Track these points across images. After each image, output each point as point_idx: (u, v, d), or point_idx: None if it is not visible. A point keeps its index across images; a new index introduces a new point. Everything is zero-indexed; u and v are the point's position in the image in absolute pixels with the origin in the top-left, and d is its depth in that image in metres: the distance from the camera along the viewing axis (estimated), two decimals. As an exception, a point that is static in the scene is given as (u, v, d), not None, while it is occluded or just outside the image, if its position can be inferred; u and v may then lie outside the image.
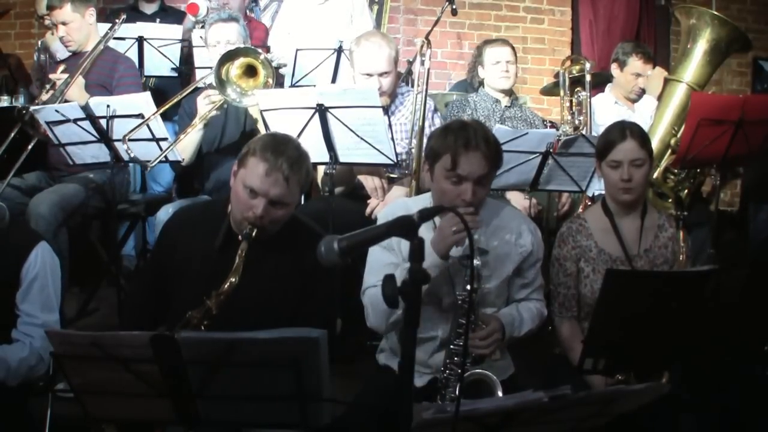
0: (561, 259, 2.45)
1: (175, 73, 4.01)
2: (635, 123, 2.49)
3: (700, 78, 3.68)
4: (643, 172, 2.38)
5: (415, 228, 1.47)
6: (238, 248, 1.96)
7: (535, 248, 2.25)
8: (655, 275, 2.24)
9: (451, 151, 2.06)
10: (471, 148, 2.05)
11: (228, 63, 2.97)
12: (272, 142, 2.01)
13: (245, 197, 1.98)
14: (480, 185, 2.08)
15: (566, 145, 3.11)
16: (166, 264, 2.13)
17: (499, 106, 3.78)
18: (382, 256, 2.17)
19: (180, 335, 1.50)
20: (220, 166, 3.29)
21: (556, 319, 2.47)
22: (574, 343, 2.35)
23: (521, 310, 2.23)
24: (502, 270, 2.20)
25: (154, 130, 2.99)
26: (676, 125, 3.64)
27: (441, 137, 2.12)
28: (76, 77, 3.30)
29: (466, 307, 2.00)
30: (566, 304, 2.45)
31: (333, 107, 2.73)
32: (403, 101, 3.28)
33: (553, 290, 2.48)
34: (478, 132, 2.09)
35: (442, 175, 2.09)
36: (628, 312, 1.92)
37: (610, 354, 1.98)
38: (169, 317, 2.10)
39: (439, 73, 5.64)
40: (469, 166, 2.05)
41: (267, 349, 1.49)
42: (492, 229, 2.19)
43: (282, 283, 2.06)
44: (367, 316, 2.18)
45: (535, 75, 5.82)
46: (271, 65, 2.97)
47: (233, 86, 2.99)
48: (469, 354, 2.02)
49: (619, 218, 2.45)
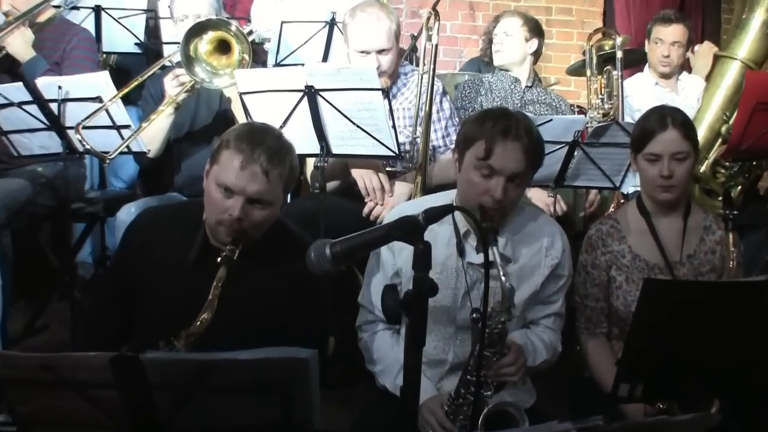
0: (588, 267, 2.45)
1: (139, 49, 4.02)
2: (677, 108, 2.49)
3: (756, 54, 3.68)
4: (686, 167, 2.39)
5: (420, 230, 1.48)
6: (216, 264, 1.96)
7: (564, 260, 2.26)
8: (701, 286, 2.24)
9: (486, 137, 2.07)
10: (510, 137, 2.06)
11: (196, 38, 2.97)
12: (248, 132, 2.02)
13: (219, 198, 1.99)
14: (513, 184, 2.09)
15: (597, 134, 3.12)
16: (129, 274, 2.13)
17: (519, 87, 3.79)
18: (381, 276, 2.20)
19: (145, 356, 1.50)
20: (193, 157, 3.30)
21: (582, 336, 2.47)
22: (604, 364, 2.35)
23: (533, 338, 2.24)
24: (529, 283, 2.21)
25: (114, 116, 2.99)
26: (727, 110, 3.65)
27: (477, 122, 2.13)
28: (21, 21, 3.27)
29: (492, 331, 2.00)
30: (594, 319, 2.45)
31: (324, 90, 2.74)
32: (407, 83, 3.28)
33: (578, 303, 2.48)
34: (521, 123, 2.10)
35: (472, 165, 2.10)
36: (670, 329, 1.92)
37: (649, 379, 1.98)
38: (132, 336, 2.10)
39: (449, 50, 5.67)
40: (504, 157, 2.06)
41: (248, 372, 1.49)
42: (522, 237, 2.20)
43: (266, 298, 2.07)
44: (367, 359, 2.24)
45: (560, 52, 5.85)
46: (247, 39, 2.97)
47: (203, 65, 3.00)
48: (491, 382, 2.03)
49: (657, 219, 2.45)
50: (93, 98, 2.97)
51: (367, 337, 2.29)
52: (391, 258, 2.23)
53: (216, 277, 1.94)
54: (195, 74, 2.99)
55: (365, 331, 2.30)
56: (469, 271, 2.18)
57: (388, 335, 2.27)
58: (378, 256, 2.26)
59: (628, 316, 2.34)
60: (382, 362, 2.23)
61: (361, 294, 2.33)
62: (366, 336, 2.29)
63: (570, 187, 3.35)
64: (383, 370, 2.22)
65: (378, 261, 2.26)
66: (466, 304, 2.19)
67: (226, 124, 3.19)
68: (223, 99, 3.27)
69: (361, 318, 2.33)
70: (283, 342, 1.86)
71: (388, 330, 2.27)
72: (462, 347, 2.22)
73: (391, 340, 2.25)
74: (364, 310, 2.32)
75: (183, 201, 3.23)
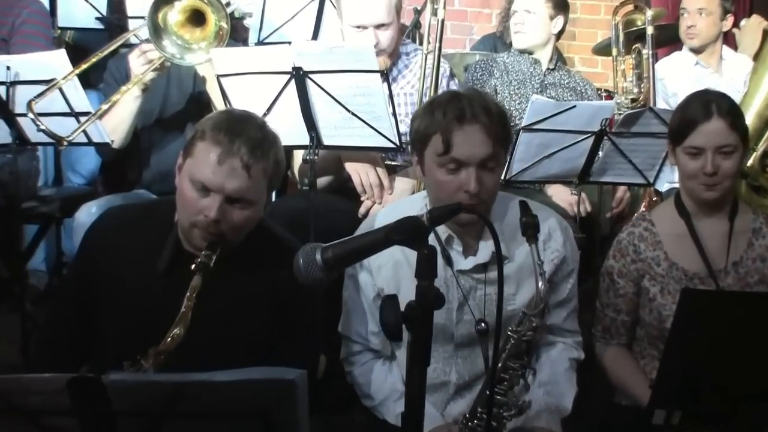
0: (615, 275, 2.47)
1: (100, 24, 4.02)
2: (724, 94, 2.50)
3: (814, 29, 3.70)
4: (734, 161, 2.39)
5: (424, 233, 1.49)
6: (190, 272, 1.96)
7: (569, 252, 2.28)
8: (749, 298, 2.25)
9: (441, 128, 2.08)
10: (466, 121, 2.08)
11: (166, 6, 2.95)
12: (227, 121, 2.03)
13: (193, 196, 1.99)
14: (486, 170, 2.10)
15: (627, 122, 3.12)
16: (89, 284, 2.13)
17: (539, 69, 3.80)
18: (361, 301, 2.23)
19: (109, 378, 1.50)
20: (163, 149, 3.31)
21: (597, 343, 2.50)
22: (627, 369, 2.39)
23: (552, 389, 2.24)
24: (530, 284, 2.22)
25: (72, 100, 2.99)
26: (780, 94, 3.66)
27: (426, 115, 2.15)
28: None
29: (520, 339, 2.02)
30: (613, 330, 2.48)
31: (314, 72, 2.74)
32: (409, 64, 3.29)
33: (598, 310, 2.50)
34: (474, 101, 2.12)
35: (435, 163, 2.12)
36: (712, 347, 1.93)
37: (689, 404, 1.99)
38: (93, 356, 2.11)
39: (457, 26, 5.67)
40: (466, 145, 2.07)
41: (226, 396, 1.49)
42: (513, 231, 2.20)
43: (247, 311, 2.08)
44: (361, 395, 2.26)
45: (585, 28, 5.85)
46: (223, 6, 2.97)
47: (173, 37, 2.99)
48: (513, 403, 2.03)
49: (698, 221, 2.46)
50: (47, 81, 2.97)
51: (356, 371, 2.30)
52: (369, 279, 2.25)
53: (189, 287, 1.94)
54: (164, 49, 2.98)
55: (353, 364, 2.31)
56: (461, 280, 2.19)
57: (380, 365, 2.29)
58: (355, 279, 2.28)
59: (662, 332, 2.35)
60: (379, 394, 2.24)
61: (341, 323, 2.35)
62: (355, 369, 2.31)
63: (596, 184, 3.36)
64: (382, 402, 2.24)
65: (356, 284, 2.28)
66: (463, 318, 2.21)
67: (201, 109, 3.19)
68: (198, 79, 3.27)
69: (345, 350, 2.34)
70: (266, 361, 1.88)
71: (378, 359, 2.30)
72: (465, 365, 2.24)
73: (384, 370, 2.28)
74: (347, 342, 2.34)
75: (152, 200, 3.23)
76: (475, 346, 2.21)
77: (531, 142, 3.06)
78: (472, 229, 2.20)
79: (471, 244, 2.22)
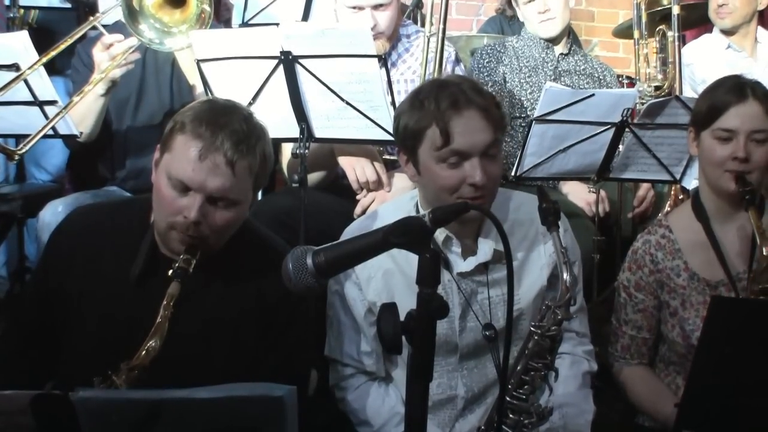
0: (631, 288, 2.47)
1: (67, 3, 4.02)
2: (758, 81, 2.50)
3: None
4: (767, 150, 2.39)
5: (427, 234, 1.49)
6: (167, 278, 1.96)
7: (570, 244, 2.28)
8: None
9: (435, 120, 2.09)
10: (463, 106, 2.09)
11: None
12: (208, 112, 2.03)
13: (172, 195, 1.99)
14: (489, 158, 2.12)
15: (651, 113, 3.13)
16: (55, 291, 2.13)
17: (552, 54, 3.81)
18: (350, 319, 2.24)
19: (77, 395, 1.51)
20: (138, 143, 3.30)
21: (615, 364, 2.50)
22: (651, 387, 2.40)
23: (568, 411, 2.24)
24: (532, 279, 2.24)
25: (36, 89, 2.99)
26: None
27: (413, 109, 2.15)
28: None
29: (544, 335, 2.03)
30: (633, 350, 2.49)
31: (305, 56, 2.74)
32: (410, 47, 3.30)
33: (615, 327, 2.51)
34: (463, 85, 2.13)
35: (433, 159, 2.12)
36: (747, 362, 1.93)
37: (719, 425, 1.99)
38: (60, 371, 2.11)
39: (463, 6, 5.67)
40: (468, 133, 2.08)
41: (209, 414, 1.50)
42: (511, 225, 2.24)
43: (230, 322, 2.08)
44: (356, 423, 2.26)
45: (606, 8, 5.86)
46: None
47: (150, 20, 2.99)
48: (534, 409, 2.04)
49: (718, 223, 2.45)
50: (8, 66, 2.95)
51: (350, 396, 2.30)
52: (357, 293, 2.25)
53: (166, 295, 1.95)
54: (141, 33, 2.99)
55: (346, 389, 2.31)
56: (462, 284, 2.20)
57: (375, 387, 2.29)
58: (340, 295, 2.28)
59: (689, 349, 2.35)
60: (378, 420, 2.25)
61: (328, 345, 2.35)
62: (348, 395, 2.30)
63: (617, 181, 3.36)
64: (381, 428, 2.24)
65: (342, 301, 2.28)
66: (467, 325, 2.22)
67: (181, 99, 3.19)
68: (176, 66, 3.28)
69: (335, 375, 2.34)
70: (252, 377, 1.87)
71: (374, 382, 2.30)
72: (473, 376, 2.25)
73: (380, 393, 2.28)
74: (336, 366, 2.34)
75: (125, 198, 3.22)
76: (482, 355, 2.23)
77: (545, 134, 3.07)
78: (469, 227, 2.21)
79: (469, 243, 2.23)
